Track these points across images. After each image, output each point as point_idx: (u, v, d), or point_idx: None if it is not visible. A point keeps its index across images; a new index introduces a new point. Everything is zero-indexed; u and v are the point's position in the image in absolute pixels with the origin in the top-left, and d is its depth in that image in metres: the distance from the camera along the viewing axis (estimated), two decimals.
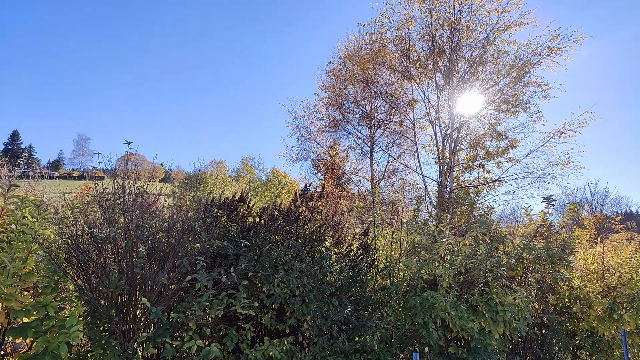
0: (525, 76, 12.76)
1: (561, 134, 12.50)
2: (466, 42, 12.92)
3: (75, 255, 4.15)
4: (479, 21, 12.57)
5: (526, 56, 12.59)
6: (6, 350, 4.28)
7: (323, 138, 19.54)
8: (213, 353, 3.84)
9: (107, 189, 4.49)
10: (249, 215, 5.04)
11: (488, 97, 13.17)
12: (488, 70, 13.24)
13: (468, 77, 13.03)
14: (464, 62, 13.18)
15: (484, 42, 12.75)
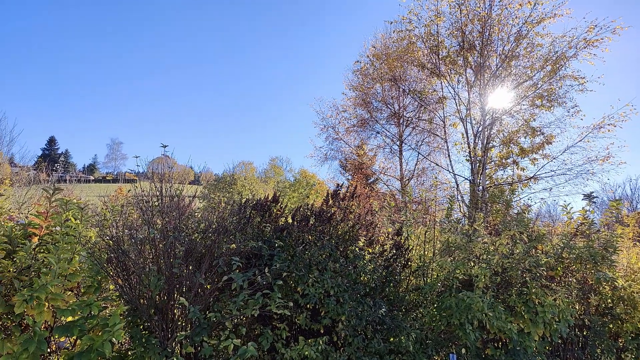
0: (561, 70, 12.36)
1: (600, 129, 12.05)
2: (497, 36, 12.63)
3: (116, 255, 4.29)
4: (510, 14, 12.27)
5: (561, 49, 12.19)
6: (52, 348, 4.44)
7: (351, 138, 19.51)
8: (250, 352, 3.88)
9: (143, 192, 4.62)
10: (281, 215, 5.08)
11: (521, 92, 12.84)
12: (521, 65, 12.91)
13: (500, 72, 12.73)
14: (496, 57, 12.89)
15: (517, 36, 12.43)
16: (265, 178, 36.62)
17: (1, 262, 3.60)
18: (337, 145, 19.80)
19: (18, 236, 3.99)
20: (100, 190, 44.63)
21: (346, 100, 19.18)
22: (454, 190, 12.82)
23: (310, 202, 5.79)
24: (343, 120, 19.24)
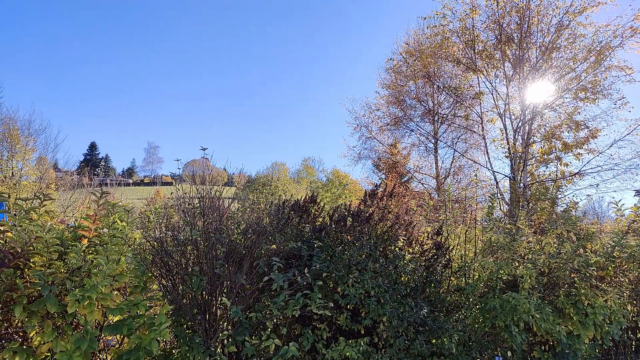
0: (605, 60, 11.79)
1: None
2: (537, 27, 12.18)
3: (160, 256, 4.40)
4: (550, 4, 11.80)
5: (605, 39, 11.62)
6: (100, 346, 4.61)
7: (384, 136, 19.32)
8: (291, 352, 3.90)
9: (184, 194, 4.72)
10: (319, 216, 5.08)
11: (563, 84, 12.32)
12: (563, 56, 12.40)
13: (540, 64, 12.27)
14: (535, 49, 12.44)
15: (557, 27, 11.95)
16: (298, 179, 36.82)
17: (54, 264, 3.76)
18: (370, 144, 19.69)
19: (69, 238, 4.15)
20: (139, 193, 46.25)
21: (379, 98, 19.05)
22: (493, 188, 12.46)
23: (343, 202, 5.76)
24: (376, 119, 19.09)
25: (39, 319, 3.63)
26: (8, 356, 3.50)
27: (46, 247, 3.71)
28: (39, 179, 22.44)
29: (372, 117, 19.07)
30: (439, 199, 9.56)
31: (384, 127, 18.80)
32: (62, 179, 24.62)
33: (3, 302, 3.61)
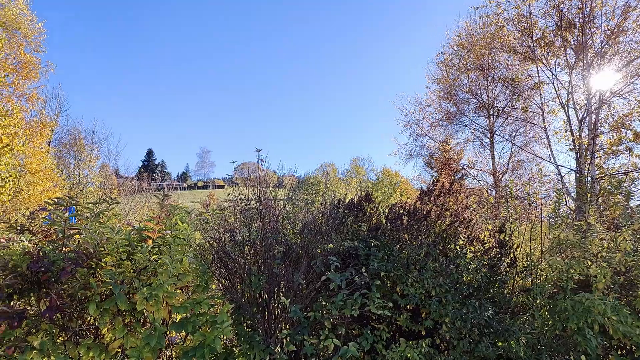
0: None
1: None
2: (600, 10, 11.36)
3: (219, 256, 4.51)
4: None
5: None
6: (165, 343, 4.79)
7: (436, 133, 18.76)
8: (351, 352, 3.86)
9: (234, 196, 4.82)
10: (375, 214, 5.01)
11: (633, 69, 11.41)
12: (631, 40, 11.47)
13: (605, 50, 11.44)
14: (599, 33, 11.60)
15: (624, 8, 11.08)
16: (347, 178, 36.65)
17: (123, 263, 3.95)
18: (421, 141, 19.21)
19: (135, 240, 4.36)
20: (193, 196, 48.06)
21: (429, 94, 18.54)
22: (558, 183, 11.75)
23: (398, 201, 5.62)
24: (427, 115, 18.60)
25: (111, 316, 3.82)
26: (83, 351, 3.72)
27: (116, 248, 3.91)
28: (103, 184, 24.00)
29: (422, 114, 18.62)
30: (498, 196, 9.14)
31: (435, 123, 18.28)
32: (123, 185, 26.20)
33: (78, 300, 3.84)
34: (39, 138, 15.78)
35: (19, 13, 15.96)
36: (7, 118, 10.40)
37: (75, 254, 3.72)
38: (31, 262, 3.73)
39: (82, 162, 23.99)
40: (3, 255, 3.84)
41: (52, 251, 3.99)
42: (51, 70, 18.83)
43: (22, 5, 16.15)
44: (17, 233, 4.59)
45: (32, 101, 17.54)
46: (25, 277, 3.74)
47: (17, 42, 16.21)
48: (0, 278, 3.64)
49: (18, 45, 16.33)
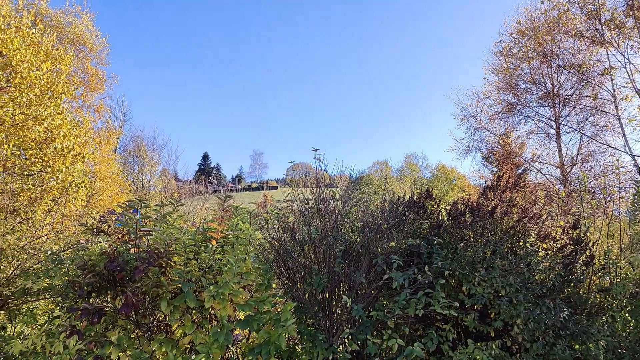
0: None
1: None
2: None
3: (280, 256, 4.57)
4: None
5: None
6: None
7: (496, 126, 17.90)
8: (416, 352, 3.76)
9: (292, 196, 4.85)
10: (436, 212, 4.86)
11: None
12: None
13: None
14: None
15: None
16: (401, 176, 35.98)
17: (190, 263, 4.10)
18: (479, 135, 18.43)
19: (200, 240, 4.51)
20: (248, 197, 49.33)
21: (487, 85, 17.72)
22: (635, 174, 10.84)
23: (450, 199, 5.41)
24: (485, 107, 17.81)
25: (180, 313, 3.98)
26: (156, 347, 3.89)
27: (184, 248, 4.06)
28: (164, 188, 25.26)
29: (480, 106, 17.86)
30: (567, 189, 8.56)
31: (494, 116, 17.44)
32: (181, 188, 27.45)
33: (150, 298, 4.03)
34: (106, 146, 16.84)
35: (84, 29, 17.13)
36: (78, 128, 11.16)
37: (147, 254, 3.91)
38: (108, 261, 3.96)
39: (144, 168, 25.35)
40: (82, 255, 4.11)
41: (126, 251, 4.22)
42: (115, 82, 20.07)
43: (88, 21, 17.32)
44: (94, 235, 4.91)
45: (99, 112, 18.76)
46: (103, 276, 3.97)
47: (84, 57, 17.41)
48: (81, 277, 3.89)
49: (85, 59, 17.53)
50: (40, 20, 11.53)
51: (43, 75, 9.85)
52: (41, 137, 9.70)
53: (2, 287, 4.28)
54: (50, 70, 10.29)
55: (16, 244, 4.20)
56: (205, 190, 26.21)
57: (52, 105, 10.17)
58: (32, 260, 4.29)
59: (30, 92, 9.59)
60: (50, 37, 11.04)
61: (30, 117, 9.48)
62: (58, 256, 4.12)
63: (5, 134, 9.14)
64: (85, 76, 17.13)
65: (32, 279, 4.04)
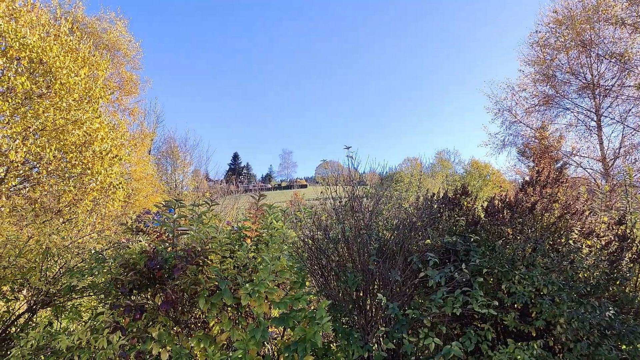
0: None
1: None
2: None
3: (314, 254, 4.58)
4: None
5: None
6: None
7: (532, 119, 17.25)
8: (454, 352, 3.69)
9: (321, 194, 4.85)
10: (472, 208, 4.75)
11: None
12: None
13: None
14: None
15: None
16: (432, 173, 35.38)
17: (226, 261, 4.16)
18: (515, 130, 17.82)
19: (235, 238, 4.58)
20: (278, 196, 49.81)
21: (523, 78, 17.11)
22: None
23: (484, 195, 5.27)
24: (521, 100, 17.22)
25: (217, 311, 4.05)
26: (195, 343, 3.97)
27: (220, 246, 4.14)
28: (196, 188, 25.85)
29: (515, 99, 17.27)
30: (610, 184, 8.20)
31: (531, 109, 16.83)
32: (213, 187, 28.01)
33: (189, 295, 4.12)
34: (141, 148, 17.33)
35: (119, 35, 17.68)
36: (114, 131, 11.54)
37: (184, 252, 3.99)
38: (148, 260, 4.08)
39: (177, 168, 25.96)
40: (124, 254, 4.24)
41: (164, 250, 4.33)
42: (148, 85, 20.64)
43: (122, 27, 17.87)
44: (133, 234, 5.07)
45: (133, 115, 19.33)
46: (143, 274, 4.09)
47: (118, 62, 17.98)
48: (123, 275, 4.01)
49: (119, 64, 18.10)
50: (77, 27, 11.96)
51: (81, 80, 10.22)
52: (80, 141, 10.07)
53: (48, 285, 4.47)
54: (88, 76, 10.66)
55: (61, 244, 4.38)
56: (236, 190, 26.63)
57: (90, 109, 10.54)
58: (77, 259, 4.45)
59: (69, 97, 9.97)
60: (86, 43, 11.44)
61: (70, 122, 9.85)
62: (101, 255, 4.26)
63: (47, 138, 9.54)
64: (120, 80, 17.69)
65: (78, 277, 4.19)
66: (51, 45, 9.45)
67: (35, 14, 9.89)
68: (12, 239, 4.21)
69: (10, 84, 8.75)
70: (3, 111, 8.57)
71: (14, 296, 4.70)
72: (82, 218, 5.33)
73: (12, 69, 8.81)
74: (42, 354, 4.11)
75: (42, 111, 9.18)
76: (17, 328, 4.74)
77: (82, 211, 5.99)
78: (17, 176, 9.20)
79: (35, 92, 9.30)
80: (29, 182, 9.54)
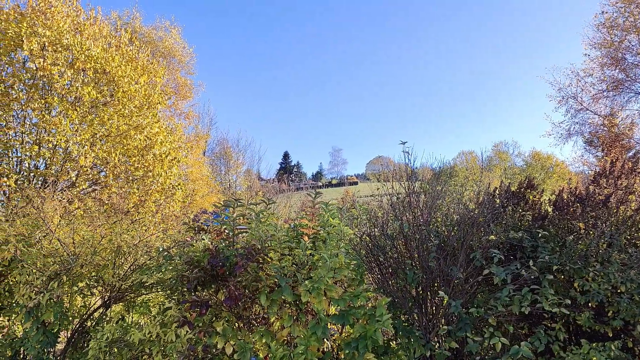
0: None
1: None
2: None
3: (371, 251, 4.55)
4: None
5: None
6: None
7: (600, 106, 16.03)
8: (523, 352, 3.53)
9: (362, 192, 4.79)
10: (538, 202, 4.52)
11: None
12: None
13: None
14: None
15: None
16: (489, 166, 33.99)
17: (285, 258, 4.22)
18: (581, 118, 16.63)
19: (292, 236, 4.63)
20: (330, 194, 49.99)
21: (588, 62, 15.94)
22: None
23: (547, 188, 4.96)
24: (587, 86, 16.05)
25: (278, 307, 4.12)
26: (257, 338, 4.07)
27: (279, 244, 4.21)
28: (249, 187, 26.49)
29: (581, 85, 16.10)
30: None
31: (598, 95, 15.64)
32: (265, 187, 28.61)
33: (250, 292, 4.22)
34: (196, 150, 17.99)
35: (174, 42, 18.44)
36: (172, 135, 12.06)
37: (245, 250, 4.10)
38: (210, 257, 4.22)
39: (230, 169, 26.71)
40: (188, 252, 4.42)
41: (226, 248, 4.46)
42: (202, 89, 21.41)
43: (176, 35, 18.62)
44: (195, 233, 5.26)
45: (189, 118, 20.09)
46: (206, 271, 4.23)
47: (173, 68, 18.76)
48: (188, 271, 4.18)
49: (175, 70, 18.89)
50: (135, 37, 12.59)
51: (141, 88, 10.75)
52: (142, 145, 10.60)
53: (120, 281, 4.74)
54: (147, 83, 11.19)
55: (131, 242, 4.63)
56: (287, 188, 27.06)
57: (150, 114, 11.06)
58: (145, 257, 4.69)
59: (131, 104, 10.52)
60: (145, 52, 12.01)
61: (132, 127, 10.40)
62: (168, 253, 4.46)
63: (112, 143, 10.12)
64: (175, 86, 18.48)
65: (147, 274, 4.41)
66: (113, 55, 10.02)
67: (97, 26, 10.52)
68: (88, 238, 4.50)
69: (78, 93, 9.38)
70: (73, 119, 9.19)
71: (90, 292, 5.03)
72: (148, 218, 5.61)
73: (79, 80, 9.44)
74: (116, 346, 4.36)
75: (107, 118, 9.76)
76: (92, 322, 5.06)
77: (147, 212, 6.30)
78: (86, 180, 9.85)
79: (100, 100, 9.91)
80: (98, 185, 10.20)
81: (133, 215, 5.50)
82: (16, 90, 8.72)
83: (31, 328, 4.45)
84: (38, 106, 8.67)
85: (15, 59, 9.07)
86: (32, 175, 8.96)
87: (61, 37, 9.17)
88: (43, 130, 8.95)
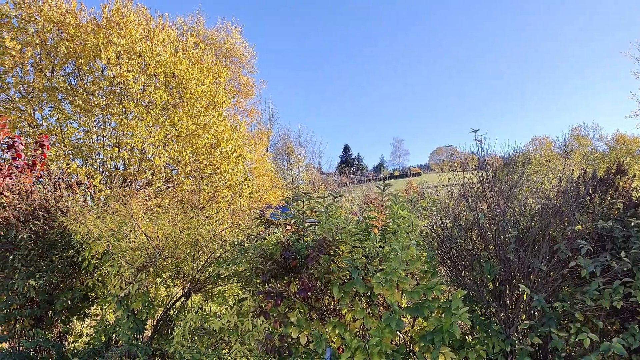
0: None
1: None
2: None
3: (444, 242, 4.44)
4: None
5: None
6: None
7: None
8: (615, 349, 3.29)
9: (427, 183, 4.65)
10: (630, 189, 4.17)
11: None
12: None
13: None
14: None
15: None
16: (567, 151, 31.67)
17: (355, 251, 4.24)
18: None
19: (362, 229, 4.64)
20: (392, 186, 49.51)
21: None
22: None
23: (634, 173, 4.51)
24: None
25: (350, 299, 4.16)
26: (330, 329, 4.13)
27: (350, 237, 4.23)
28: (311, 181, 26.85)
29: None
30: None
31: None
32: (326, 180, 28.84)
33: (322, 283, 4.29)
34: (259, 146, 18.50)
35: (235, 43, 19.03)
36: (236, 132, 12.49)
37: (316, 243, 4.16)
38: (283, 250, 4.34)
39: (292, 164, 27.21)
40: (261, 245, 4.57)
41: (297, 241, 4.56)
42: (263, 87, 21.94)
43: (237, 35, 19.19)
44: (266, 227, 5.43)
45: (251, 115, 20.68)
46: (279, 263, 4.35)
47: (235, 67, 19.37)
48: (262, 264, 4.32)
49: (237, 69, 19.49)
50: (200, 40, 13.14)
51: (207, 88, 11.21)
52: (209, 143, 11.08)
53: (199, 273, 5.01)
54: (212, 84, 11.65)
55: (208, 236, 4.87)
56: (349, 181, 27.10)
57: (216, 114, 11.52)
58: (220, 250, 4.91)
59: (198, 104, 11.02)
60: (209, 54, 12.50)
61: (199, 127, 10.90)
62: (243, 246, 4.64)
63: (182, 142, 10.67)
64: (237, 85, 19.09)
65: (224, 266, 4.62)
66: (180, 59, 10.54)
67: (165, 32, 11.11)
68: (170, 232, 4.80)
69: (151, 97, 9.98)
70: (147, 122, 9.81)
71: (172, 283, 5.37)
72: (220, 213, 5.87)
73: (152, 84, 10.04)
74: (197, 334, 4.61)
75: (177, 119, 10.31)
76: (174, 310, 5.40)
77: (219, 207, 6.60)
78: (160, 178, 10.49)
79: (171, 102, 10.48)
80: (171, 182, 10.82)
81: (207, 211, 5.78)
82: (97, 97, 9.45)
83: (122, 316, 4.83)
84: (117, 111, 9.33)
85: (94, 68, 9.83)
86: (113, 175, 9.69)
87: (134, 45, 9.79)
88: (122, 133, 9.63)
